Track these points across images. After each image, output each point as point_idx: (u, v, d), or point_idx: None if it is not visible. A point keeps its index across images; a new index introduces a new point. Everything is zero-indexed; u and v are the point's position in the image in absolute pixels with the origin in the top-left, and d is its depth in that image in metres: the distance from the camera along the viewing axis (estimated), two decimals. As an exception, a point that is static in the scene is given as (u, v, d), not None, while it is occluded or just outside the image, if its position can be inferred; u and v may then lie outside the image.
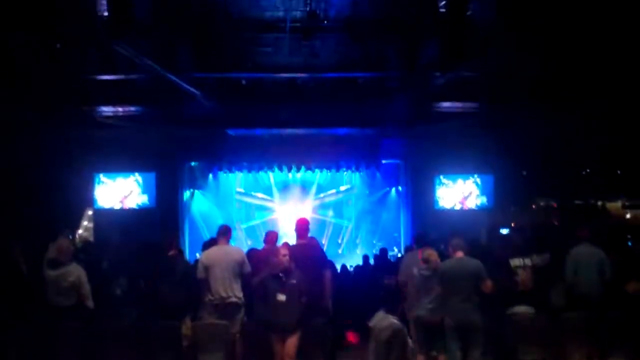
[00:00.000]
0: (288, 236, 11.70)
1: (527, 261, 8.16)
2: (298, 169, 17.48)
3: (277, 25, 11.66)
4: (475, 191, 16.28)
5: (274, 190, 18.74)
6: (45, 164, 14.38)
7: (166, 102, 13.94)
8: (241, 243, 17.21)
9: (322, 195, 18.90)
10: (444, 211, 16.07)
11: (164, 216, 15.49)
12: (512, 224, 18.10)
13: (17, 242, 9.11)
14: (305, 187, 18.75)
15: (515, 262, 8.09)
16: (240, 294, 7.99)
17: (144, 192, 16.09)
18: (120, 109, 14.36)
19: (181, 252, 9.57)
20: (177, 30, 11.75)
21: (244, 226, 18.50)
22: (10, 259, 8.70)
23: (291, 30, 11.44)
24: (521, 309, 7.97)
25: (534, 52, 11.78)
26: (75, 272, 7.95)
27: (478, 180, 16.30)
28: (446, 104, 14.34)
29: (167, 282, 7.99)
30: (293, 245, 8.19)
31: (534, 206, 23.22)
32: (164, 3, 10.94)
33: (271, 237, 9.21)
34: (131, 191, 15.99)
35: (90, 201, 16.34)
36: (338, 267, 12.18)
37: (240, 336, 7.86)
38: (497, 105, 13.98)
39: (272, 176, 18.47)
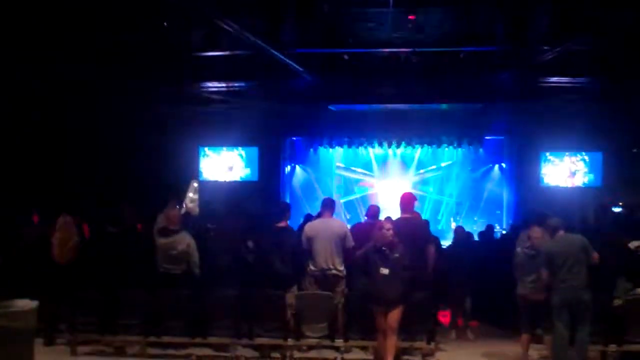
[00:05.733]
0: (388, 211, 11.68)
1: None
2: (398, 145, 17.39)
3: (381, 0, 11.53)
4: (583, 168, 15.78)
5: (374, 165, 18.71)
6: (156, 138, 15.01)
7: (269, 78, 14.16)
8: (340, 217, 17.37)
9: (422, 170, 18.67)
10: (550, 188, 15.72)
11: (266, 189, 15.94)
12: (621, 204, 17.34)
13: (129, 205, 9.61)
14: (405, 163, 18.58)
15: (636, 243, 7.78)
16: (342, 267, 8.11)
17: (247, 166, 16.65)
18: (224, 85, 14.71)
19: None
20: (280, 6, 11.85)
21: (343, 200, 18.59)
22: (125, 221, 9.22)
23: (395, 5, 11.28)
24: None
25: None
26: (185, 240, 8.29)
27: (586, 157, 15.84)
28: (553, 79, 13.86)
29: (278, 253, 8.19)
30: (397, 219, 8.20)
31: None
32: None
33: (373, 211, 9.25)
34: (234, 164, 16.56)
35: (195, 173, 16.98)
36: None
37: (343, 307, 7.97)
38: (607, 80, 13.41)
39: (372, 151, 18.43)
